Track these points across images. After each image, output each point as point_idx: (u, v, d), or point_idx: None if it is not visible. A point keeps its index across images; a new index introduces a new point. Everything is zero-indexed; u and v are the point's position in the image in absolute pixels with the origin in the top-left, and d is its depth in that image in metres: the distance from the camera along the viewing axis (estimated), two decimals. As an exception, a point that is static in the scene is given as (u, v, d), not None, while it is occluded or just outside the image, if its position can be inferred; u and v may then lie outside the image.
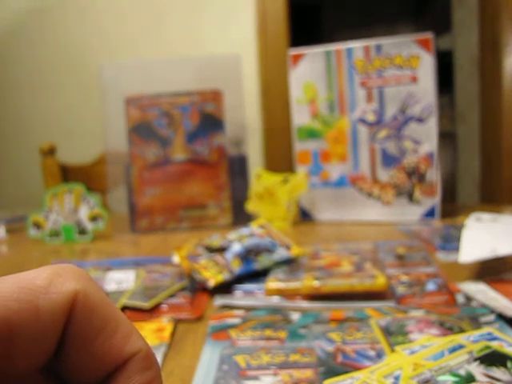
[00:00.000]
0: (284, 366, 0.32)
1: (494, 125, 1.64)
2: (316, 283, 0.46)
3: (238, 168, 0.91)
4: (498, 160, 1.63)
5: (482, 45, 1.73)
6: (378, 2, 3.26)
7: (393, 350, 0.33)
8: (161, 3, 1.63)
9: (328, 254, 0.59)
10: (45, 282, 0.14)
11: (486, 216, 0.60)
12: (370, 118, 0.85)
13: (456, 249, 0.51)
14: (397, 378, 0.27)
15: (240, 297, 0.48)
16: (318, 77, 0.87)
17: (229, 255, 0.54)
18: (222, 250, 0.56)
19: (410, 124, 0.83)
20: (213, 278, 0.50)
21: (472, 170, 2.01)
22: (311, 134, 0.88)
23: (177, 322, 0.43)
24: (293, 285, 0.47)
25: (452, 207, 0.93)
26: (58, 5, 1.67)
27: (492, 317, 0.38)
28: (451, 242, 0.63)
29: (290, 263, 0.56)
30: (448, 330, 0.36)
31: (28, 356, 0.13)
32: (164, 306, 0.45)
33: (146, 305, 0.44)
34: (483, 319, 0.38)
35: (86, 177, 1.24)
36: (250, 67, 1.58)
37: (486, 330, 0.32)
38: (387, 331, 0.36)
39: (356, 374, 0.28)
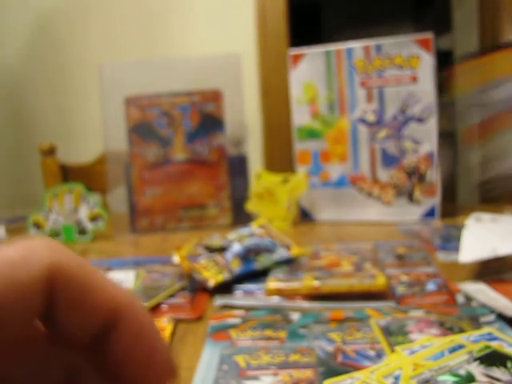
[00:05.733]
0: (284, 365, 0.32)
1: (494, 125, 1.64)
2: (316, 283, 0.46)
3: (238, 168, 0.91)
4: (498, 160, 1.62)
5: (482, 45, 1.73)
6: (377, 2, 3.25)
7: (393, 350, 0.33)
8: (161, 3, 1.63)
9: (328, 253, 0.59)
10: (21, 255, 0.14)
11: (486, 216, 0.60)
12: (370, 118, 0.85)
13: (456, 249, 0.51)
14: (397, 378, 0.27)
15: (240, 297, 0.48)
16: (318, 77, 0.87)
17: (229, 255, 0.54)
18: (222, 249, 0.56)
19: (409, 124, 0.83)
20: (213, 277, 0.50)
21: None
22: (311, 134, 0.88)
23: (177, 322, 0.43)
24: (293, 285, 0.47)
25: (452, 207, 0.93)
26: (58, 6, 1.67)
27: (492, 317, 0.38)
28: (451, 241, 0.63)
29: (290, 263, 0.56)
30: (448, 329, 0.36)
31: (12, 325, 0.14)
32: (164, 306, 0.45)
33: (146, 305, 0.44)
34: (483, 319, 0.38)
35: (86, 177, 1.24)
36: (250, 67, 1.58)
37: (485, 329, 0.32)
38: (387, 331, 0.36)
39: (356, 374, 0.28)
